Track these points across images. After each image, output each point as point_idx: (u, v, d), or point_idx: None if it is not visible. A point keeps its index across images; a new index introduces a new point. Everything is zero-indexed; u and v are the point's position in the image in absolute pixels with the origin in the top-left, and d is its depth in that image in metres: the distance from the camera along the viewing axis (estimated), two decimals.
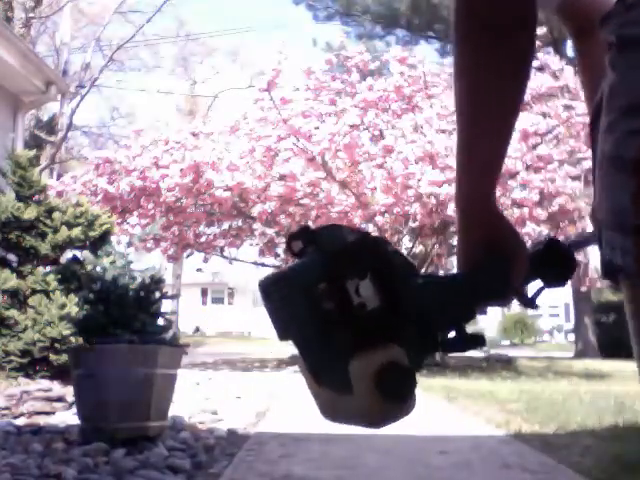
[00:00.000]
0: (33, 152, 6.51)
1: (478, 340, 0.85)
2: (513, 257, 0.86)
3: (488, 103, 0.81)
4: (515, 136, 9.62)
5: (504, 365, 12.45)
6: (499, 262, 0.85)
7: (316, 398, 0.85)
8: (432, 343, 0.84)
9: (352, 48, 11.32)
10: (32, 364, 5.25)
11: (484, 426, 4.74)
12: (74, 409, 4.05)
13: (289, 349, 18.67)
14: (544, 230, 10.83)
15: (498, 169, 0.85)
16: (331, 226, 0.83)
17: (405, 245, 12.64)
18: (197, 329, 33.14)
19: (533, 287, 0.95)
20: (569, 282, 0.96)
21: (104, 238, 6.13)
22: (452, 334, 0.85)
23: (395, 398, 0.78)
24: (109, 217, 6.47)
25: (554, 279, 0.94)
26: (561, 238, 0.98)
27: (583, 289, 14.82)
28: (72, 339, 5.20)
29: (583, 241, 1.00)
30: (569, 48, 15.38)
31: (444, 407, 5.95)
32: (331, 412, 0.85)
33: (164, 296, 5.47)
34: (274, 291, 0.81)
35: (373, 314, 0.78)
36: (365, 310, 0.78)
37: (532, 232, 9.81)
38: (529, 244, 0.92)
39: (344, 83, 10.80)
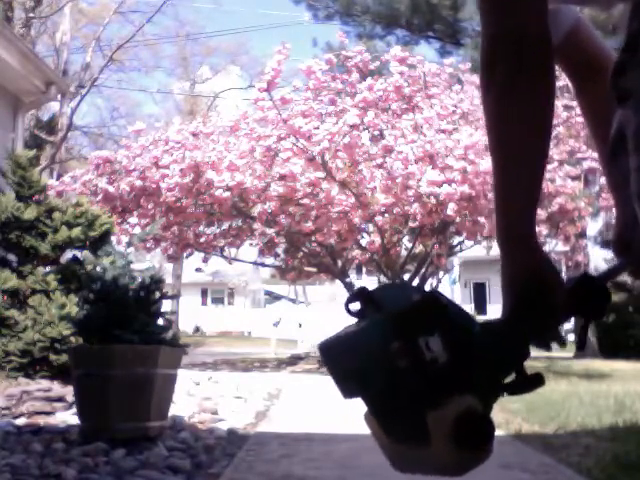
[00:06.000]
0: (33, 152, 6.50)
1: (539, 380, 0.88)
2: (553, 293, 0.88)
3: (519, 140, 0.87)
4: None
5: None
6: (542, 299, 0.87)
7: (387, 452, 0.87)
8: (498, 388, 0.86)
9: (352, 48, 11.30)
10: (32, 364, 5.24)
11: None
12: (74, 409, 4.05)
13: (289, 349, 18.68)
14: (544, 230, 10.83)
15: (535, 205, 0.89)
16: (389, 285, 0.87)
17: (405, 245, 12.64)
18: (197, 329, 33.13)
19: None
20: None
21: (104, 238, 6.12)
22: (513, 377, 0.87)
23: (474, 445, 0.80)
24: (109, 217, 6.46)
25: (591, 313, 0.95)
26: (592, 271, 1.00)
27: None
28: (72, 339, 5.19)
29: (613, 271, 1.01)
30: None
31: None
32: (404, 464, 0.87)
33: (164, 296, 5.46)
34: (342, 352, 0.84)
35: (445, 367, 0.80)
36: (438, 364, 0.80)
37: None
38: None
39: (344, 83, 10.79)
